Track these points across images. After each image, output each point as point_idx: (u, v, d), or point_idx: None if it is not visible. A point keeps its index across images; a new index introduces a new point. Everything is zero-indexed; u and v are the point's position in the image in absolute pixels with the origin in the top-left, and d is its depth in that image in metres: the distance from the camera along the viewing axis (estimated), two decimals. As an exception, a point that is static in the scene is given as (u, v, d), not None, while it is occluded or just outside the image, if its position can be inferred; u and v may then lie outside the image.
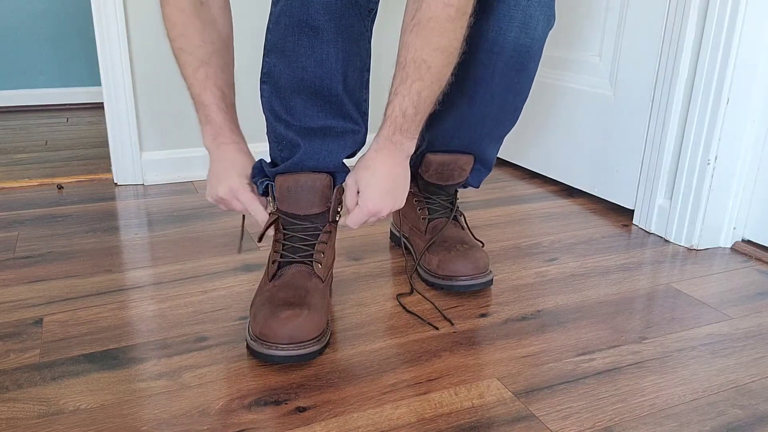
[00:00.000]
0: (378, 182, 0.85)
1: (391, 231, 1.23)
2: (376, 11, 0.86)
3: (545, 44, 0.96)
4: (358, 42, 0.84)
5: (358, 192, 0.86)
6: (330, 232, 0.93)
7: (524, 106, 1.02)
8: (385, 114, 0.84)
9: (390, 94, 0.83)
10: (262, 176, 0.95)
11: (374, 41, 0.88)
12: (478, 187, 1.12)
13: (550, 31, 0.96)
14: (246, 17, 1.29)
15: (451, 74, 0.82)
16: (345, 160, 0.92)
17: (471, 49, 0.92)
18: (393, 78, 0.82)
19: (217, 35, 0.87)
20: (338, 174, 0.91)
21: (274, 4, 0.83)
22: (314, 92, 0.83)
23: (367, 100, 0.91)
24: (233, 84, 0.91)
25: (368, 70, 0.90)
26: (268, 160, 0.93)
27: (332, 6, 0.79)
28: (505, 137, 1.07)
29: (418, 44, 0.78)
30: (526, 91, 0.99)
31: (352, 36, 0.83)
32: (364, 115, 0.92)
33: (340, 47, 0.82)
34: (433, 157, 1.04)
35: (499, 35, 0.91)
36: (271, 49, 0.85)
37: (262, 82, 0.88)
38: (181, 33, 0.84)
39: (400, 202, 0.88)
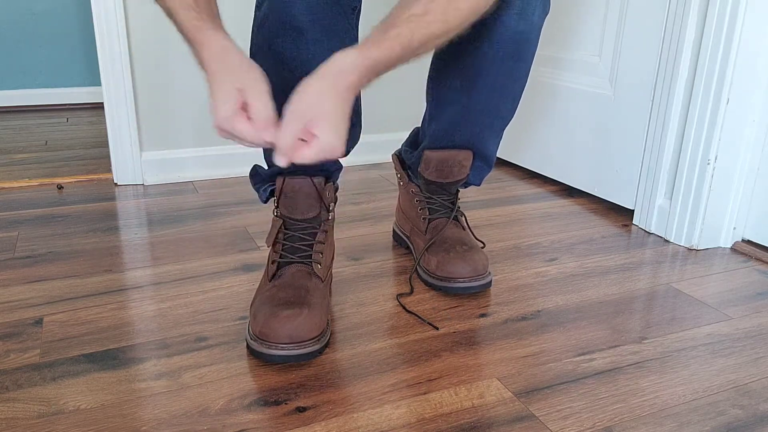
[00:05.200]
0: (311, 82, 0.69)
1: (394, 230, 1.23)
2: (360, 8, 0.86)
3: (546, 43, 0.96)
4: (343, 40, 0.84)
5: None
6: (327, 231, 0.94)
7: (525, 107, 1.02)
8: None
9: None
10: (261, 182, 0.96)
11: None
12: (479, 184, 1.12)
13: (548, 22, 0.95)
14: (228, 15, 1.29)
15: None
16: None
17: (470, 38, 0.92)
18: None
19: None
20: (333, 171, 0.91)
21: (257, 8, 0.84)
22: None
23: (358, 98, 0.91)
24: None
25: None
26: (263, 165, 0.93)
27: (314, 6, 0.79)
28: (505, 135, 1.07)
29: None
30: (524, 78, 0.99)
31: (337, 34, 0.83)
32: (356, 113, 0.92)
33: (326, 46, 0.82)
34: (432, 154, 1.04)
35: (497, 23, 0.90)
36: (256, 52, 0.85)
37: None
38: None
39: (327, 125, 0.67)
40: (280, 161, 0.67)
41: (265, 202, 0.97)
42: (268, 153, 0.91)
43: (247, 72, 0.69)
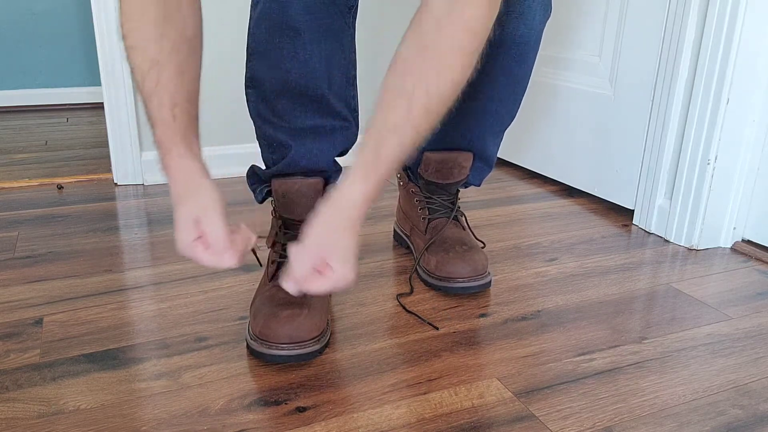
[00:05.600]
0: (322, 218, 0.70)
1: (394, 230, 1.23)
2: (357, 7, 0.86)
3: (546, 43, 0.96)
4: (340, 40, 0.84)
5: None
6: None
7: (525, 107, 1.02)
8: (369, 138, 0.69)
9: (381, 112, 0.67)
10: (258, 182, 0.95)
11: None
12: (479, 185, 1.12)
13: (548, 22, 0.95)
14: (228, 14, 1.29)
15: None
16: (339, 159, 0.92)
17: None
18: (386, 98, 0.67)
19: (179, 31, 0.68)
20: (331, 173, 0.91)
21: (253, 8, 0.83)
22: (299, 93, 0.83)
23: (355, 97, 0.91)
24: (195, 93, 0.73)
25: (354, 67, 0.90)
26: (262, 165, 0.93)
27: (311, 6, 0.79)
28: (505, 136, 1.07)
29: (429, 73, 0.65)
30: (525, 81, 0.99)
31: (334, 34, 0.83)
32: (354, 111, 0.91)
33: (323, 47, 0.81)
34: (432, 155, 1.04)
35: (498, 27, 0.90)
36: (253, 53, 0.85)
37: (247, 87, 0.88)
38: (134, 26, 0.66)
39: (336, 263, 0.69)
40: (291, 288, 0.71)
41: (261, 202, 0.97)
42: (265, 154, 0.90)
43: (203, 198, 0.69)
